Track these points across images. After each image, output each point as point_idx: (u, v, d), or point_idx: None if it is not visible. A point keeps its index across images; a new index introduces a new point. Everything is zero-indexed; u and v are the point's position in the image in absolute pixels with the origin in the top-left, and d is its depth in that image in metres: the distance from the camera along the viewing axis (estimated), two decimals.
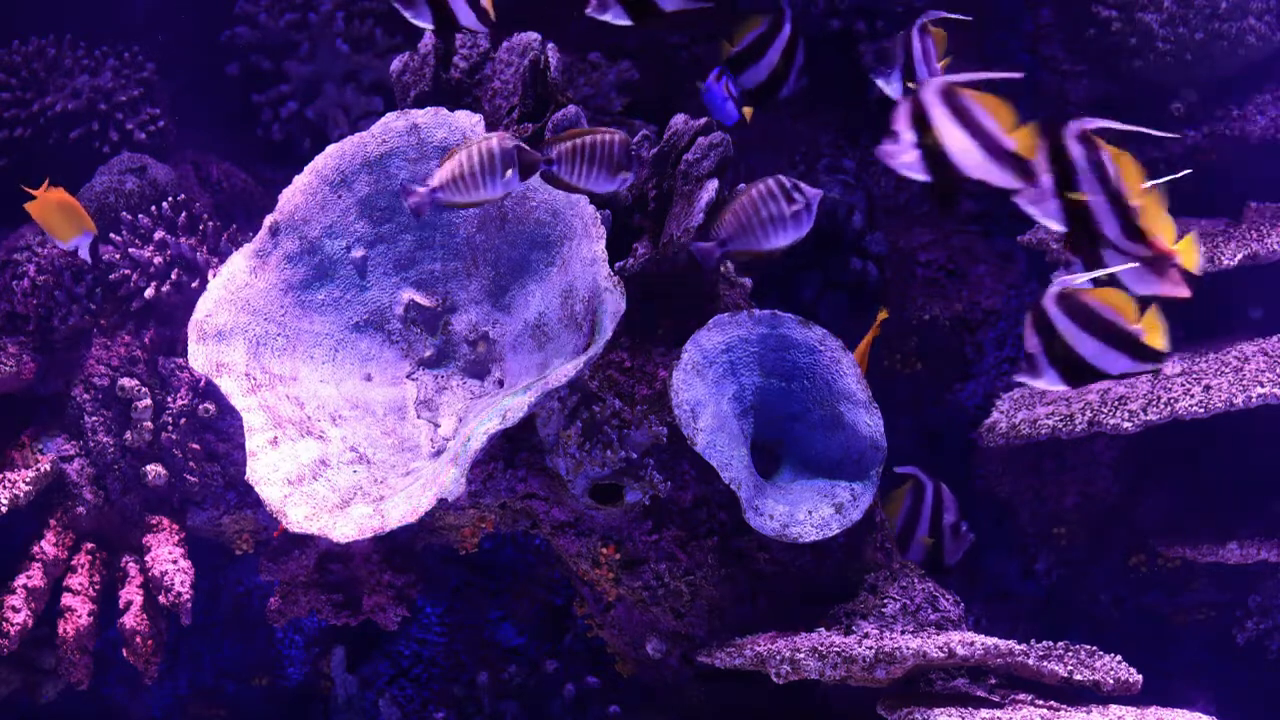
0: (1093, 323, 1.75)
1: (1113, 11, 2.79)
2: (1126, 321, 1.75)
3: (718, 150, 2.23)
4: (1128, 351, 1.76)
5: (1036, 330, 1.76)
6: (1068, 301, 1.76)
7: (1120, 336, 1.75)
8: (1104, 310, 1.76)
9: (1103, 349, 1.75)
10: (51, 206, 2.32)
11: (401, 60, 2.39)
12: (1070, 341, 1.75)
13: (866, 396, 2.30)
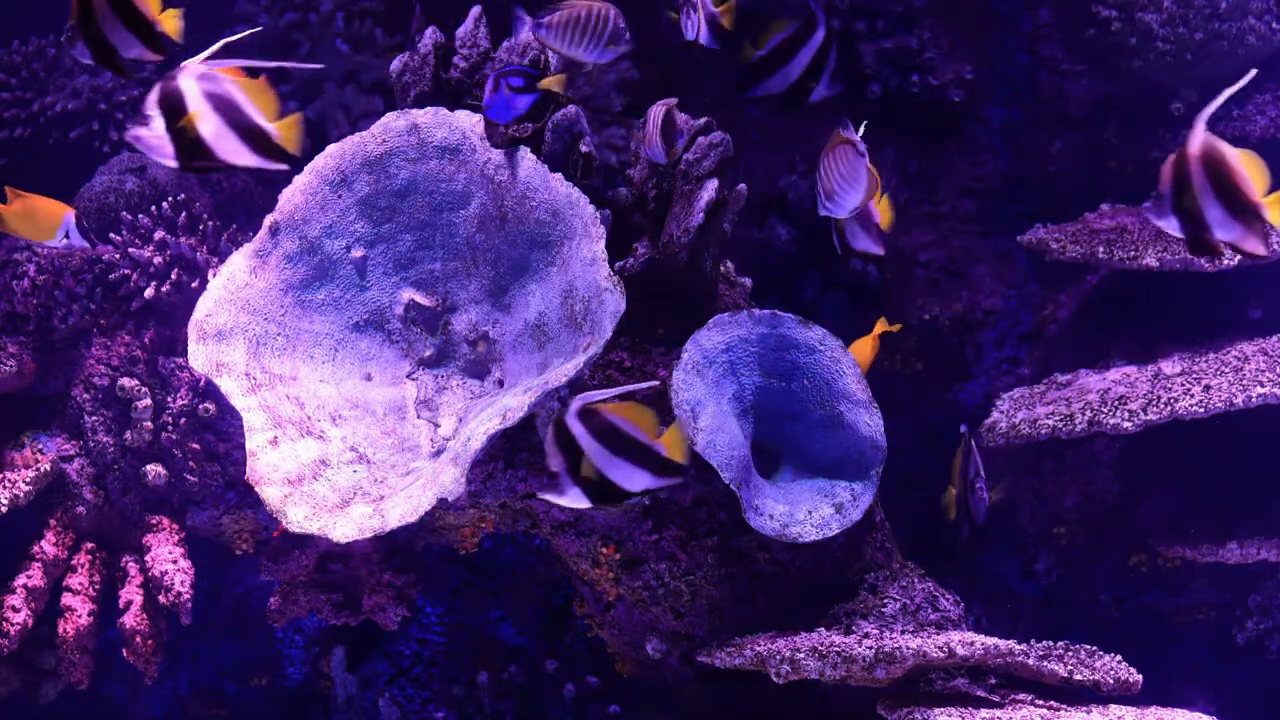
0: (616, 440, 1.76)
1: (1113, 11, 2.79)
2: (648, 438, 1.76)
3: (718, 150, 2.23)
4: (650, 468, 1.78)
5: (560, 448, 1.75)
6: (591, 419, 1.75)
7: (642, 453, 1.76)
8: (627, 427, 1.76)
9: (626, 466, 1.77)
10: (15, 215, 2.24)
11: (401, 60, 2.39)
12: (594, 460, 1.76)
13: (866, 396, 2.30)
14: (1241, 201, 1.73)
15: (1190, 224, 1.76)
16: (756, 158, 2.92)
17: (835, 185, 2.06)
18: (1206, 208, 1.74)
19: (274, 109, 1.85)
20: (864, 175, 2.06)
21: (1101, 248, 2.62)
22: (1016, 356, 2.95)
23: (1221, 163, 1.73)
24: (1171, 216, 1.76)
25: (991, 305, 2.95)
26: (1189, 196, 1.74)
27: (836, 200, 2.07)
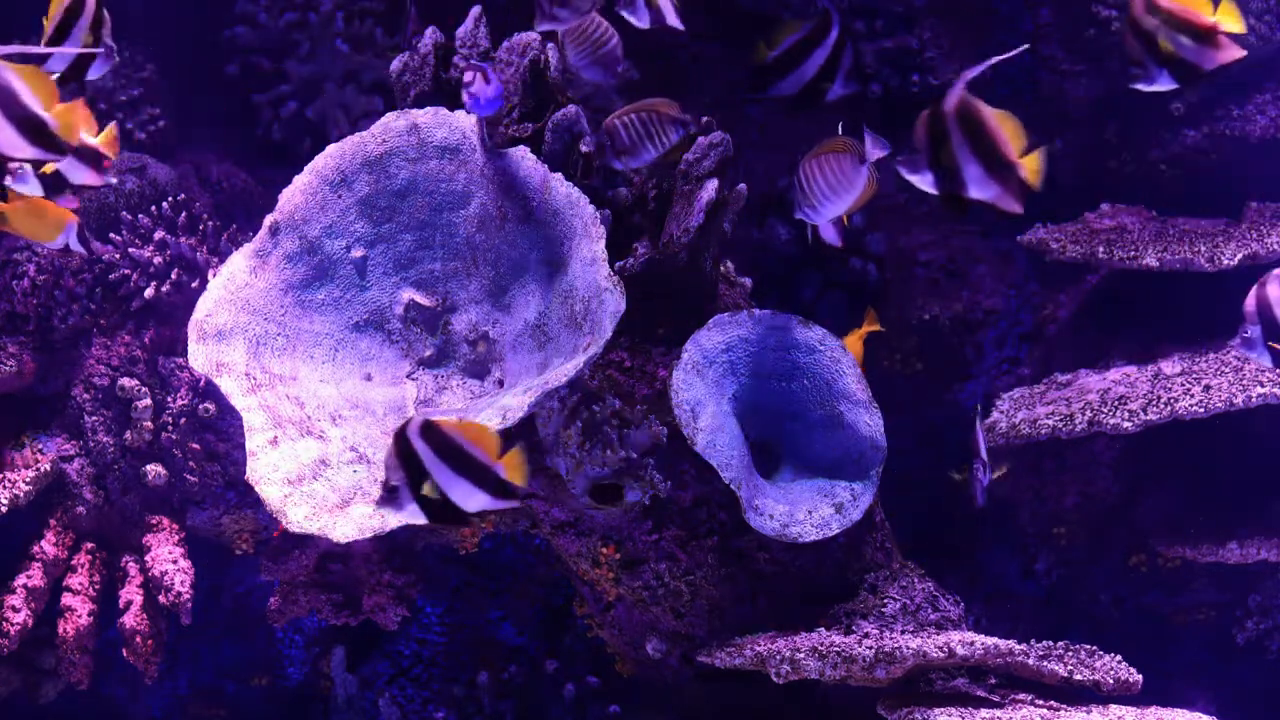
0: (456, 458, 1.76)
1: (1113, 11, 2.79)
2: (488, 457, 1.76)
3: (718, 150, 2.23)
4: (488, 489, 1.77)
5: (401, 462, 1.76)
6: (433, 435, 1.76)
7: (481, 473, 1.77)
8: (468, 445, 1.76)
9: (464, 485, 1.77)
10: (20, 214, 2.25)
11: (402, 60, 2.39)
12: (434, 476, 1.75)
13: (866, 396, 2.30)
14: (999, 159, 1.75)
15: (946, 180, 1.77)
16: (756, 158, 2.92)
17: (819, 191, 2.05)
18: (964, 164, 1.76)
19: (52, 96, 1.75)
20: (858, 185, 2.05)
21: (1101, 248, 2.62)
22: (1016, 356, 2.95)
23: (979, 120, 1.75)
24: (927, 172, 1.78)
25: (991, 305, 2.95)
26: (946, 153, 1.76)
27: (818, 207, 2.06)
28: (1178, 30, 1.85)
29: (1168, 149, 2.84)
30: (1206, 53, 1.86)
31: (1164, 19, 1.85)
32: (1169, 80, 1.90)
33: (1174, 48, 1.86)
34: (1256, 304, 1.94)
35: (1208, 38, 1.85)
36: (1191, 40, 1.85)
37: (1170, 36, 1.86)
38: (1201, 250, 2.55)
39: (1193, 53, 1.86)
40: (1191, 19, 1.84)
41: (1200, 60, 1.87)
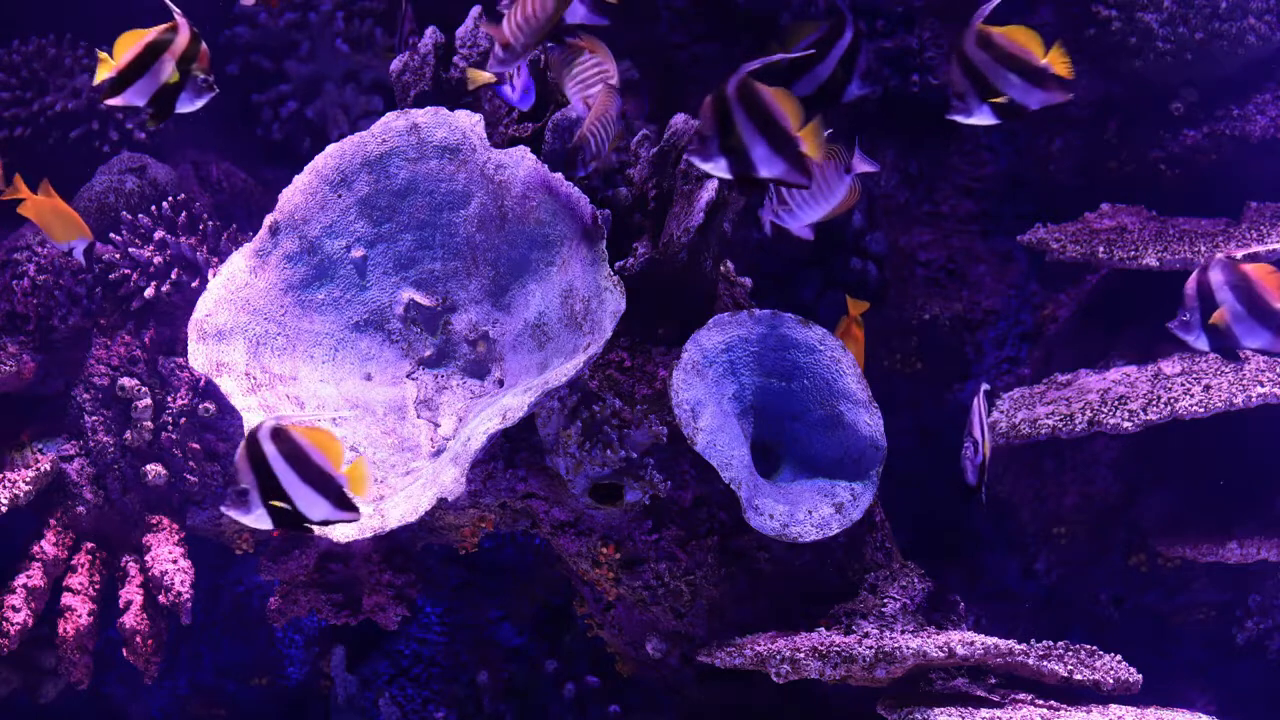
0: (303, 465, 1.77)
1: (1113, 11, 2.79)
2: (333, 468, 1.78)
3: None
4: (331, 499, 1.79)
5: (250, 466, 1.77)
6: (282, 440, 1.76)
7: (325, 482, 1.78)
8: (314, 453, 1.77)
9: (309, 493, 1.78)
10: (48, 210, 2.32)
11: (401, 60, 2.39)
12: (281, 482, 1.77)
13: (866, 396, 2.30)
14: (782, 136, 1.79)
15: (737, 163, 1.81)
16: None
17: (799, 195, 2.05)
18: (751, 146, 1.79)
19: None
20: (839, 193, 2.05)
21: (1101, 248, 2.62)
22: (1016, 356, 2.95)
23: (759, 100, 1.79)
24: (720, 158, 1.82)
25: (991, 305, 2.95)
26: (734, 136, 1.80)
27: (795, 211, 2.07)
28: (1008, 68, 1.88)
29: (1168, 149, 2.84)
30: (1034, 93, 1.89)
31: (995, 55, 1.88)
32: (990, 115, 1.92)
33: (1001, 85, 1.88)
34: (1197, 288, 1.95)
35: (1037, 78, 1.87)
36: (1020, 79, 1.88)
37: (999, 74, 1.88)
38: (1201, 250, 2.55)
39: (1020, 91, 1.89)
40: (1023, 58, 1.87)
41: (1027, 100, 1.89)
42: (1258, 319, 1.90)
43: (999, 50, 1.89)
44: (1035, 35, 1.90)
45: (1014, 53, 1.89)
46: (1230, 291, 1.91)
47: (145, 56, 1.95)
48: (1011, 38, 1.90)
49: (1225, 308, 1.92)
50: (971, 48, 1.90)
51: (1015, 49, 1.89)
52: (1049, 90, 1.90)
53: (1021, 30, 1.90)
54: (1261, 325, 1.91)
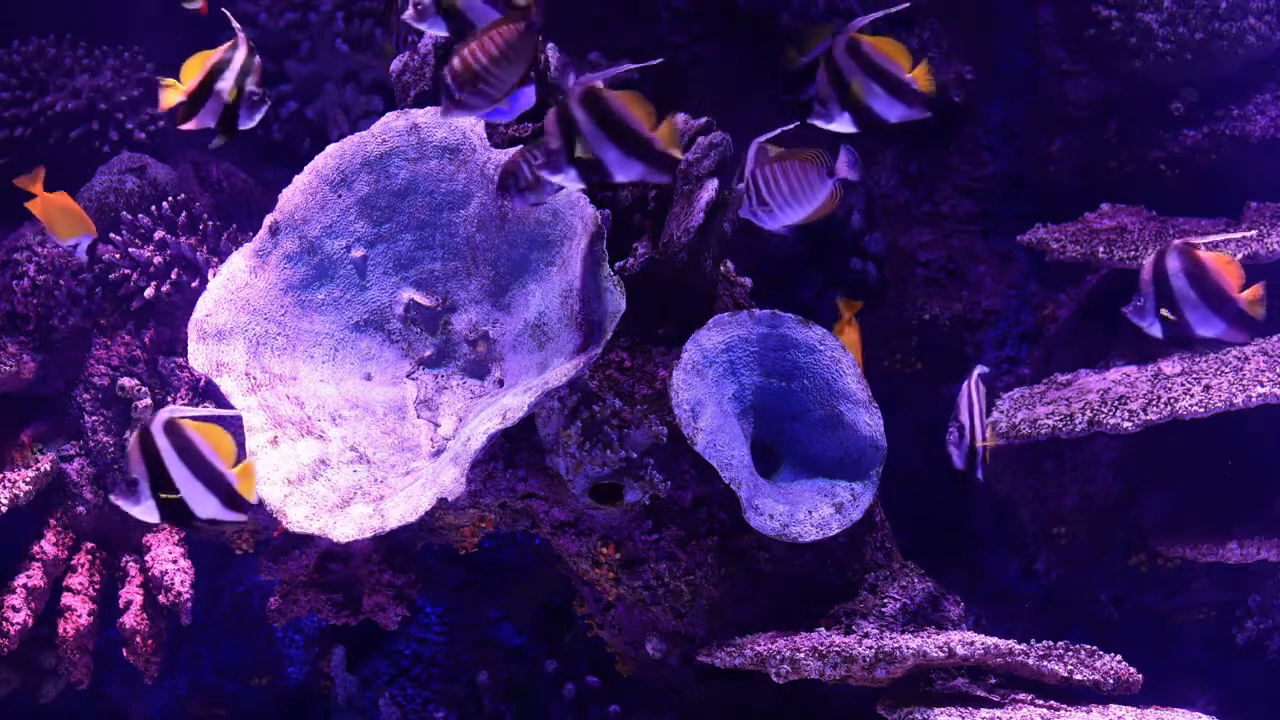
0: (195, 461, 1.78)
1: (1113, 11, 2.79)
2: (224, 465, 1.79)
3: (718, 150, 2.23)
4: (220, 496, 1.80)
5: (143, 457, 1.77)
6: (175, 434, 1.77)
7: (216, 479, 1.79)
8: (206, 449, 1.78)
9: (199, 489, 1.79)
10: (54, 206, 2.32)
11: (402, 60, 2.39)
12: (173, 475, 1.78)
13: (866, 396, 2.30)
14: (633, 138, 1.79)
15: (588, 172, 1.81)
16: None
17: (780, 196, 2.05)
18: (603, 153, 1.80)
19: None
20: (820, 197, 2.05)
21: (1101, 248, 2.62)
22: (1016, 356, 2.95)
23: (606, 106, 1.78)
24: (570, 168, 1.81)
25: (991, 305, 2.95)
26: (583, 144, 1.80)
27: (775, 212, 2.06)
28: (873, 78, 1.89)
29: (1168, 149, 2.84)
30: (896, 106, 1.90)
31: (862, 64, 1.89)
32: (850, 123, 1.93)
33: (864, 94, 1.89)
34: (1153, 274, 1.94)
35: (899, 91, 1.88)
36: (884, 90, 1.89)
37: (864, 82, 1.89)
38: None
39: (883, 103, 1.90)
40: (888, 70, 1.89)
41: (887, 112, 1.91)
42: (1212, 308, 1.89)
43: (866, 60, 1.89)
44: (903, 49, 1.90)
45: (880, 64, 1.89)
46: (1185, 279, 1.89)
47: (211, 77, 1.98)
48: (880, 48, 1.90)
49: (1179, 295, 1.90)
50: (840, 53, 1.90)
51: (882, 60, 1.90)
52: (910, 105, 1.90)
53: (890, 42, 1.91)
54: (1216, 315, 1.89)
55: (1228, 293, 1.91)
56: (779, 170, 2.03)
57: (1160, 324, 1.95)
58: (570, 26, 2.70)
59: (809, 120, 1.97)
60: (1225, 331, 1.93)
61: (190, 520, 1.81)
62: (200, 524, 1.85)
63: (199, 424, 1.79)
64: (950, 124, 2.95)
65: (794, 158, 2.03)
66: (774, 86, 2.95)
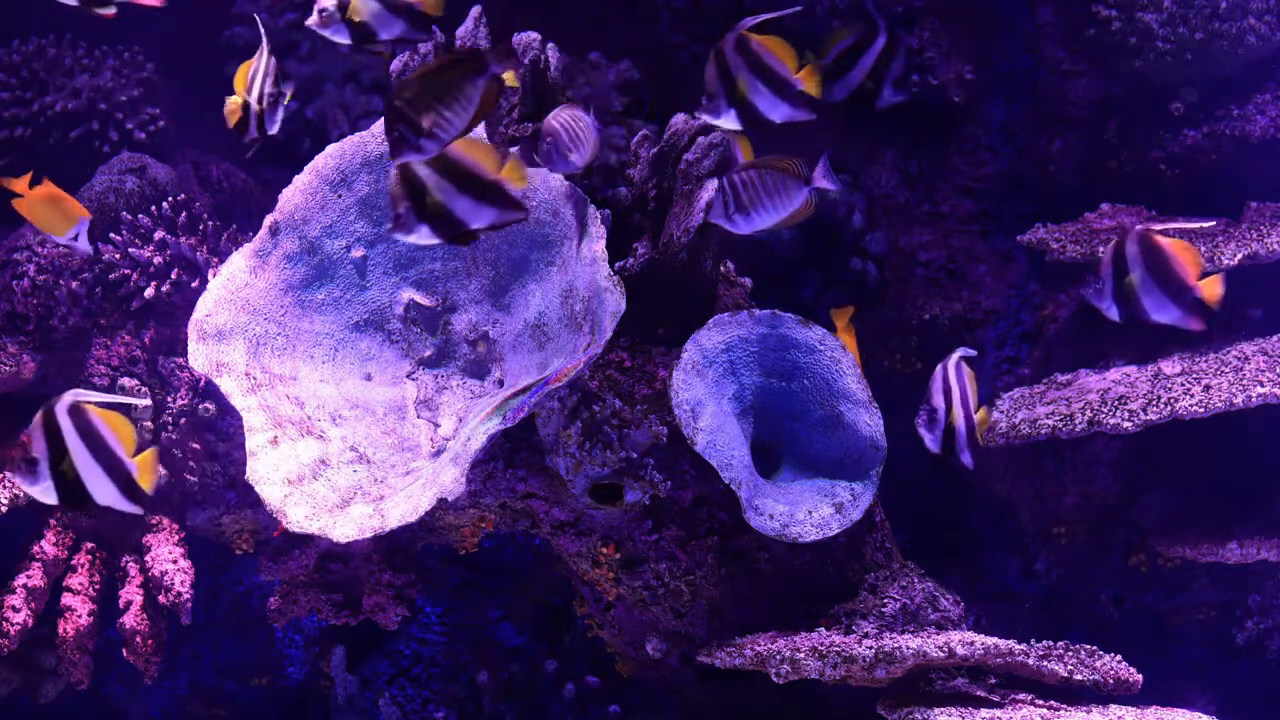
0: (96, 446, 1.79)
1: (1113, 11, 2.79)
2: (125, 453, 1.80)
3: (717, 150, 2.23)
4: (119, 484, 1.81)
5: (45, 438, 1.78)
6: (79, 418, 1.78)
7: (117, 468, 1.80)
8: (108, 436, 1.79)
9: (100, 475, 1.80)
10: (40, 202, 2.29)
11: (402, 60, 2.39)
12: (74, 459, 1.79)
13: (866, 396, 2.30)
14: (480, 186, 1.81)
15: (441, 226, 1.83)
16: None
17: (756, 201, 2.05)
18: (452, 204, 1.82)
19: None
20: (794, 204, 2.05)
21: (1101, 248, 2.62)
22: (1016, 356, 2.95)
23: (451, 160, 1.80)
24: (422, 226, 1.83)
25: (991, 305, 2.95)
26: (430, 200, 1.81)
27: (750, 216, 2.06)
28: (759, 76, 1.89)
29: (1168, 149, 2.83)
30: (780, 105, 1.91)
31: (749, 61, 1.89)
32: (735, 120, 1.94)
33: (749, 91, 1.90)
34: (1112, 257, 1.93)
35: (784, 91, 1.89)
36: (769, 89, 1.89)
37: (750, 80, 1.89)
38: (1201, 250, 2.55)
39: (766, 101, 1.90)
40: (774, 70, 1.89)
41: (770, 111, 1.92)
42: (1168, 294, 1.88)
43: (753, 58, 1.89)
44: (791, 50, 1.90)
45: (767, 62, 1.89)
46: (1143, 264, 1.89)
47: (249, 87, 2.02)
48: (767, 47, 1.90)
49: (1137, 280, 1.90)
50: (729, 49, 1.90)
51: (769, 59, 1.89)
52: (795, 106, 1.90)
53: (779, 42, 1.90)
54: (1172, 301, 1.89)
55: (1185, 280, 1.90)
56: (756, 177, 2.03)
57: (1117, 308, 1.95)
58: (570, 26, 2.70)
59: (695, 113, 1.97)
60: (1180, 318, 1.93)
61: (87, 505, 1.81)
62: (95, 510, 1.85)
63: (103, 410, 1.79)
64: (950, 124, 2.95)
65: (771, 165, 2.04)
66: None
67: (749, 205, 2.04)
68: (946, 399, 2.03)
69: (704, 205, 2.19)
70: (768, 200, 2.04)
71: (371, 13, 1.96)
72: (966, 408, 2.04)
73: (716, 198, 2.05)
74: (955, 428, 2.03)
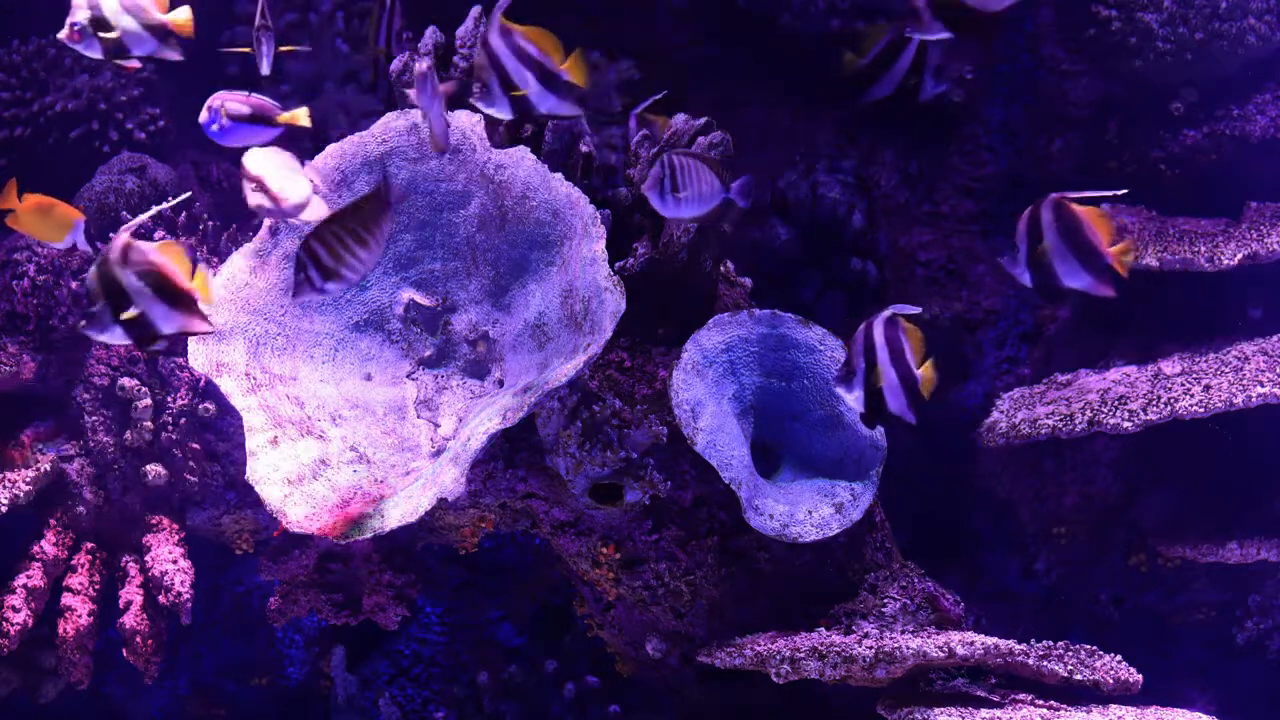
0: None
1: (1113, 11, 2.79)
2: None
3: (717, 150, 2.23)
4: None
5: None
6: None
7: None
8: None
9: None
10: (31, 214, 2.28)
11: (401, 60, 2.39)
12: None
13: None
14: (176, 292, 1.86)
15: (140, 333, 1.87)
16: (757, 158, 2.92)
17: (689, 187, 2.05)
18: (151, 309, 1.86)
19: None
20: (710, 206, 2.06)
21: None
22: (1016, 356, 2.95)
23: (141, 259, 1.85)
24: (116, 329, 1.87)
25: (991, 305, 2.95)
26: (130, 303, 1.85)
27: (680, 202, 2.06)
28: (528, 67, 1.90)
29: (1168, 149, 2.83)
30: (548, 97, 1.91)
31: (516, 52, 1.90)
32: (508, 110, 1.94)
33: (519, 82, 1.91)
34: (1028, 225, 1.94)
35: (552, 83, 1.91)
36: (537, 81, 1.90)
37: (519, 71, 1.90)
38: (1201, 250, 2.55)
39: (536, 93, 1.91)
40: (541, 62, 1.90)
41: (540, 103, 1.92)
42: (1080, 260, 1.90)
43: (518, 48, 1.90)
44: (556, 41, 1.90)
45: (532, 54, 1.90)
46: (1056, 231, 1.90)
47: None
48: (531, 38, 1.91)
49: (1050, 246, 1.91)
50: (496, 40, 1.90)
51: (534, 50, 1.90)
52: (562, 98, 1.91)
53: (544, 34, 1.91)
54: (1083, 267, 1.90)
55: (1096, 247, 1.92)
56: (692, 166, 2.04)
57: (1029, 274, 1.96)
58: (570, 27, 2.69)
59: (469, 99, 1.98)
60: (1091, 285, 1.94)
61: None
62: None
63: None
64: (950, 124, 2.95)
65: (705, 161, 2.05)
66: (773, 87, 2.95)
67: (681, 190, 2.05)
68: (870, 359, 2.00)
69: None
70: (698, 194, 2.05)
71: (125, 29, 2.01)
72: (898, 365, 2.00)
73: (657, 172, 2.05)
74: (881, 387, 1.99)
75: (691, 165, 2.05)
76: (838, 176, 2.90)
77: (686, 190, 2.04)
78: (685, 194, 2.04)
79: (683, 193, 2.04)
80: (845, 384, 2.00)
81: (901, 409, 2.03)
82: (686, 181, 2.04)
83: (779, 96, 2.96)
